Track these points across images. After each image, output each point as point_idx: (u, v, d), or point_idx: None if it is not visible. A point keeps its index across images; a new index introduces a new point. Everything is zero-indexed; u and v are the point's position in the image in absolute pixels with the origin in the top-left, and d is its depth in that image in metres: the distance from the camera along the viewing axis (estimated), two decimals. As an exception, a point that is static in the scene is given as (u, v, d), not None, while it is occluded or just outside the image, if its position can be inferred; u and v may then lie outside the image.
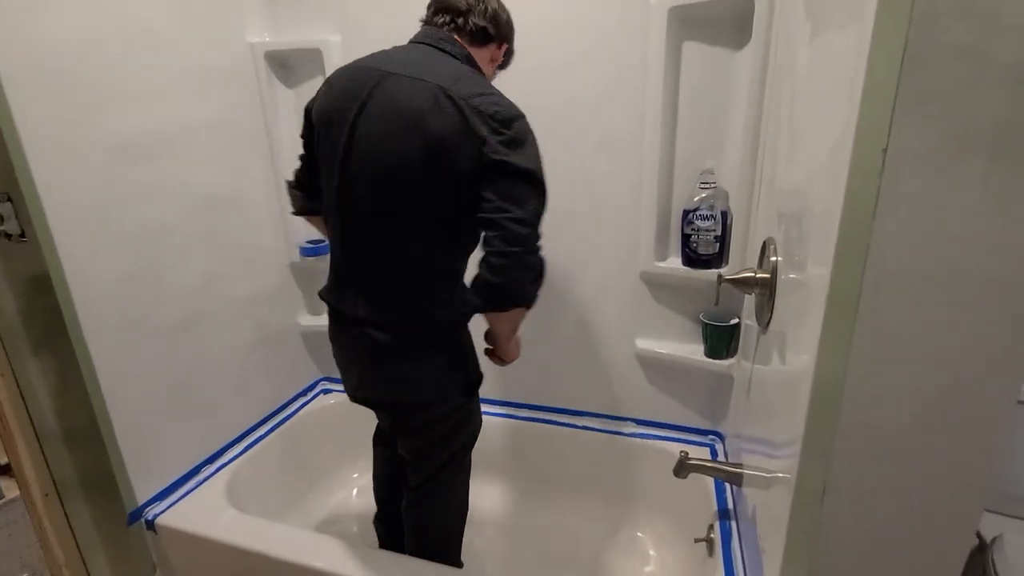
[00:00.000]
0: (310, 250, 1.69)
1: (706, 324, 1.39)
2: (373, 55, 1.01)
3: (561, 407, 1.66)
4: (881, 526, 0.62)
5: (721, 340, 1.38)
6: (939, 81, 0.48)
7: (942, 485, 0.58)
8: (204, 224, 1.41)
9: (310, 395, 1.85)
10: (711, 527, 1.25)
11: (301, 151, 1.13)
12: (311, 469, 1.73)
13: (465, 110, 0.88)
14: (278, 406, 1.73)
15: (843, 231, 0.54)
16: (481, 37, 1.04)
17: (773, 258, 0.93)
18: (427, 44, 1.01)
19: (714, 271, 1.31)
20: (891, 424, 0.58)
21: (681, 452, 1.22)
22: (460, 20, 1.02)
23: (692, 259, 1.35)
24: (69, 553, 1.36)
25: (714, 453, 1.49)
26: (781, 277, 0.89)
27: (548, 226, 1.34)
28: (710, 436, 1.54)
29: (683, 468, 1.21)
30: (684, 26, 1.25)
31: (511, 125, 0.90)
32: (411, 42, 1.04)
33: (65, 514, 1.33)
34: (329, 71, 1.53)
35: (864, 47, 0.50)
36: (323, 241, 1.72)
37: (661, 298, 1.47)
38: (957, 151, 0.49)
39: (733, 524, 1.21)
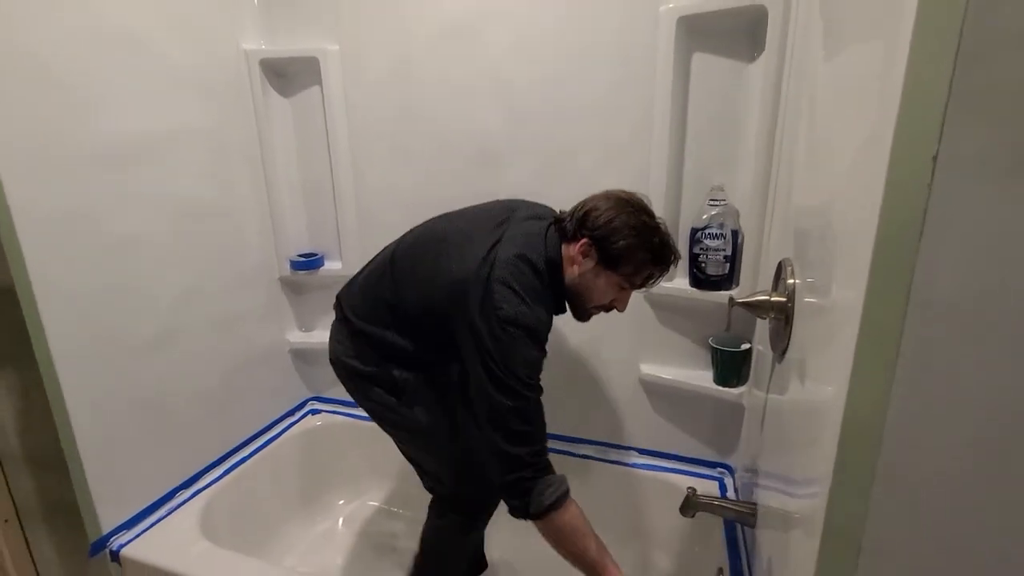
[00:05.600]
0: (301, 264, 1.62)
1: (716, 349, 1.30)
2: None
3: (559, 434, 1.56)
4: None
5: (732, 367, 1.30)
6: (1001, 76, 0.40)
7: (1007, 548, 0.49)
8: (187, 235, 1.35)
9: (297, 415, 1.76)
10: (720, 572, 1.15)
11: None
12: (295, 495, 1.64)
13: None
14: (262, 427, 1.65)
15: (881, 251, 0.47)
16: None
17: (790, 280, 0.86)
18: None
19: (724, 293, 1.23)
20: (945, 472, 0.49)
21: (689, 489, 1.12)
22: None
23: (700, 280, 1.27)
24: (28, 583, 1.27)
25: (723, 487, 1.39)
26: (799, 301, 0.82)
27: None
28: (719, 469, 1.45)
29: (690, 507, 1.11)
30: (694, 36, 1.19)
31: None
32: None
33: (26, 541, 1.24)
34: (326, 80, 1.49)
35: (905, 40, 0.43)
36: (315, 255, 1.65)
37: (667, 321, 1.39)
38: (1023, 158, 0.41)
39: (745, 569, 1.11)
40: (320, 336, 1.75)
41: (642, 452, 1.51)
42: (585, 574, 0.91)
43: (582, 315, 1.06)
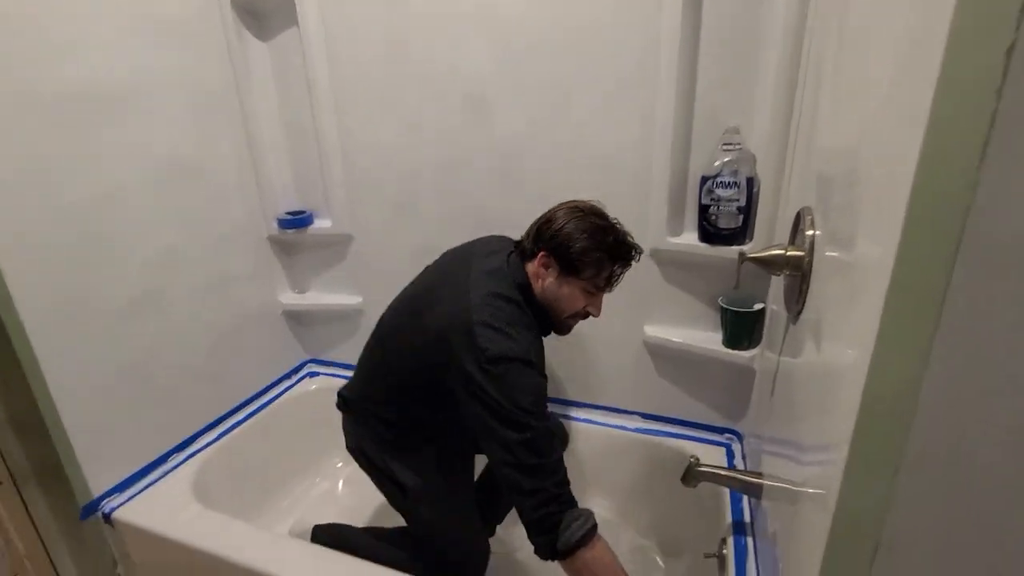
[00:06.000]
0: (289, 222, 1.55)
1: (725, 310, 1.21)
2: None
3: (560, 398, 1.50)
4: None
5: (743, 328, 1.20)
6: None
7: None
8: (164, 194, 1.27)
9: (294, 379, 1.73)
10: (723, 542, 1.10)
11: None
12: (293, 457, 1.63)
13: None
14: (258, 390, 1.62)
15: (924, 185, 0.37)
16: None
17: (809, 232, 0.75)
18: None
19: (736, 248, 1.13)
20: (990, 460, 0.40)
21: (691, 458, 1.06)
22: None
23: (711, 234, 1.16)
24: (29, 544, 1.28)
25: (730, 454, 1.33)
26: (819, 255, 0.72)
27: (540, 194, 1.16)
28: (726, 435, 1.38)
29: (692, 477, 1.05)
30: (707, -48, 1.04)
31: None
32: None
33: (24, 504, 1.24)
34: (304, 21, 1.37)
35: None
36: (303, 212, 1.58)
37: (674, 279, 1.29)
38: None
39: (749, 540, 1.05)
40: (314, 298, 1.70)
41: (647, 417, 1.44)
42: None
43: (560, 328, 1.06)
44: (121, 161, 1.18)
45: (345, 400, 1.17)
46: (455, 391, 0.93)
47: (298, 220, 1.55)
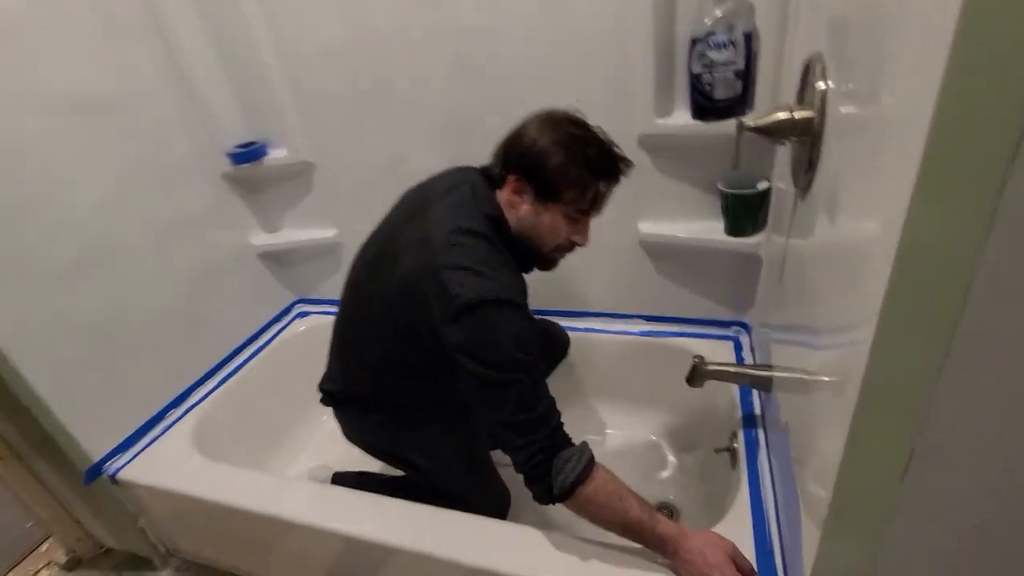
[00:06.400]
0: (242, 155, 1.40)
1: (726, 194, 1.09)
2: None
3: (557, 309, 1.43)
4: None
5: (747, 212, 1.09)
6: None
7: None
8: (81, 136, 1.13)
9: (285, 321, 1.68)
10: (734, 435, 1.06)
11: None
12: (296, 399, 1.60)
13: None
14: (248, 337, 1.57)
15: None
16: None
17: (821, 85, 0.62)
18: None
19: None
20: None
21: (695, 358, 1.00)
22: None
23: (705, 108, 1.01)
24: (50, 510, 1.31)
25: (738, 346, 1.27)
26: (832, 114, 0.60)
27: (500, 74, 1.01)
28: (734, 328, 1.31)
29: (698, 376, 0.99)
30: None
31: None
32: None
33: (33, 474, 1.25)
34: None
35: None
36: (254, 143, 1.43)
37: (666, 167, 1.16)
38: None
39: (760, 433, 1.02)
40: (288, 235, 1.60)
41: (649, 319, 1.38)
42: (634, 538, 0.79)
43: (544, 263, 0.94)
44: (23, 103, 1.03)
45: (329, 395, 1.08)
46: (439, 352, 0.83)
47: (251, 152, 1.40)
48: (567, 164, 0.81)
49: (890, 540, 0.45)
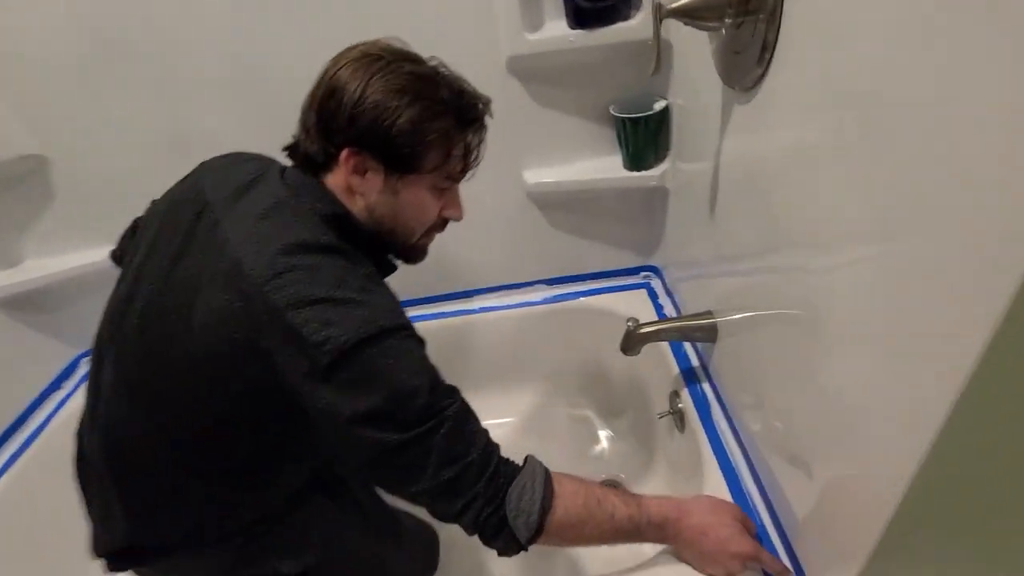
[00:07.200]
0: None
1: (623, 120, 0.91)
2: None
3: (441, 294, 1.19)
4: None
5: (647, 138, 0.93)
6: None
7: None
8: None
9: (69, 387, 1.19)
10: (676, 395, 0.93)
11: None
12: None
13: None
14: (12, 421, 1.08)
15: None
16: None
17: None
18: None
19: (625, 26, 0.80)
20: None
21: (628, 323, 0.83)
22: None
23: (584, 13, 0.81)
24: None
25: (652, 294, 1.14)
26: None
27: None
28: (643, 274, 1.19)
29: (633, 342, 0.83)
30: None
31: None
32: None
33: None
34: None
35: None
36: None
37: (547, 97, 0.95)
38: None
39: (706, 386, 0.89)
40: (37, 267, 1.12)
41: (551, 283, 1.20)
42: (628, 539, 0.61)
43: (412, 254, 0.70)
44: None
45: (119, 557, 0.65)
46: (294, 426, 0.56)
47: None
48: (420, 118, 0.57)
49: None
